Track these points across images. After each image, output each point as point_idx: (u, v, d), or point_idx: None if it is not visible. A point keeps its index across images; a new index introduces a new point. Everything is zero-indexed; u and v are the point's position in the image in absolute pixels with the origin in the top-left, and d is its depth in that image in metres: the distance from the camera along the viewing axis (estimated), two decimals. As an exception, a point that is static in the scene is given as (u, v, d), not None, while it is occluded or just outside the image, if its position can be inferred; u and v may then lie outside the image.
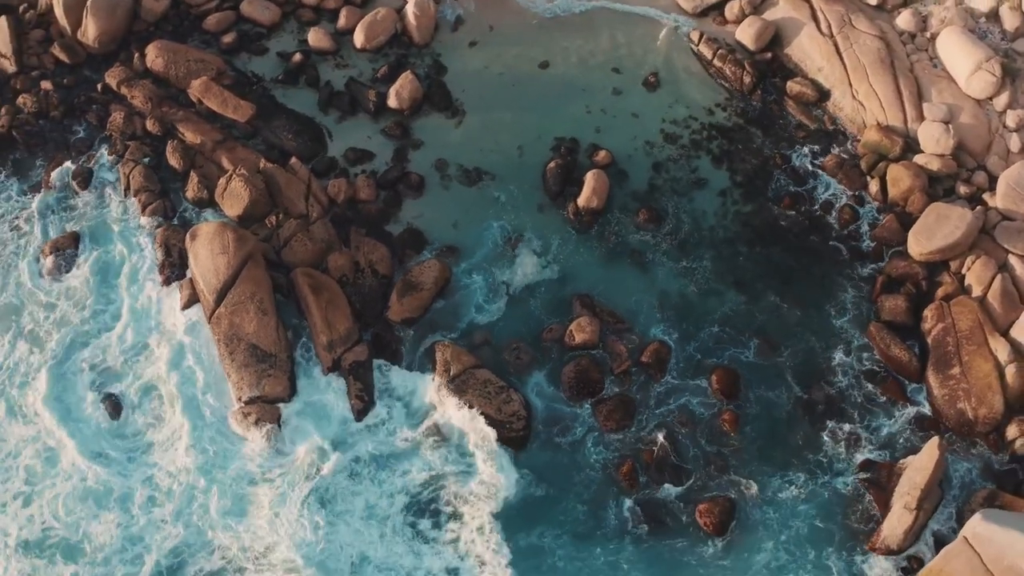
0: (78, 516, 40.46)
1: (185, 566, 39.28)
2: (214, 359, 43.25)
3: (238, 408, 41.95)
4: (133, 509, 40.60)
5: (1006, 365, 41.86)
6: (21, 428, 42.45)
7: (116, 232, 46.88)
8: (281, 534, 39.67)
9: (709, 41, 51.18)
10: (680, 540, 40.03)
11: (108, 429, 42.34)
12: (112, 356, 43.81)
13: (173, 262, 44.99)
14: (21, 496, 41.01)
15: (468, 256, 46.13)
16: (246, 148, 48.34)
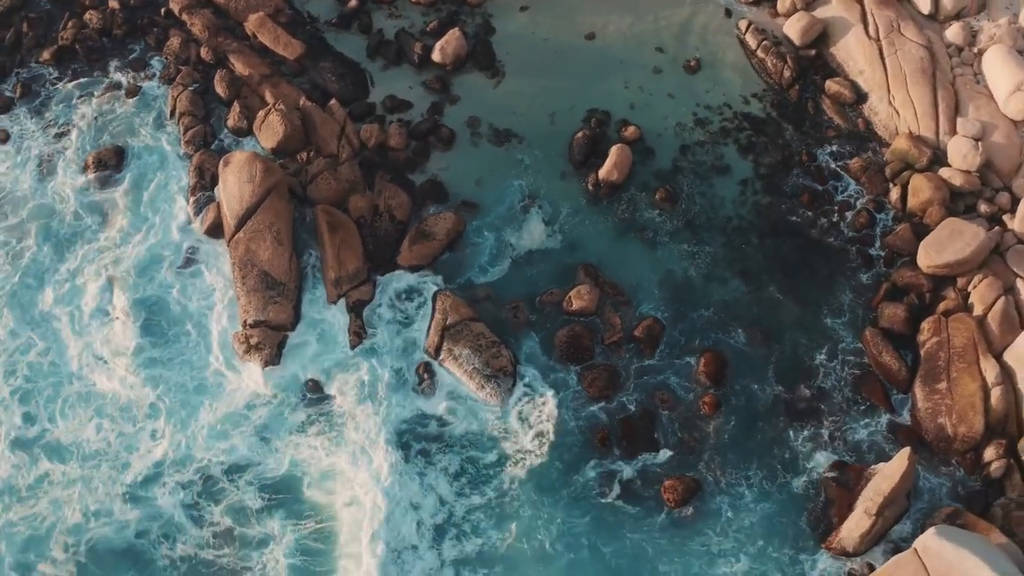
0: (73, 419, 42.25)
1: (162, 476, 40.85)
2: (228, 281, 44.98)
3: (242, 330, 43.49)
4: (129, 418, 42.21)
5: (992, 387, 41.21)
6: (34, 329, 44.23)
7: (157, 151, 48.49)
8: (261, 454, 41.21)
9: (756, 31, 50.72)
10: (638, 509, 40.28)
11: (120, 339, 43.93)
12: (133, 268, 45.37)
13: (204, 185, 46.62)
14: (20, 392, 42.92)
15: (485, 214, 46.81)
16: (290, 85, 49.58)
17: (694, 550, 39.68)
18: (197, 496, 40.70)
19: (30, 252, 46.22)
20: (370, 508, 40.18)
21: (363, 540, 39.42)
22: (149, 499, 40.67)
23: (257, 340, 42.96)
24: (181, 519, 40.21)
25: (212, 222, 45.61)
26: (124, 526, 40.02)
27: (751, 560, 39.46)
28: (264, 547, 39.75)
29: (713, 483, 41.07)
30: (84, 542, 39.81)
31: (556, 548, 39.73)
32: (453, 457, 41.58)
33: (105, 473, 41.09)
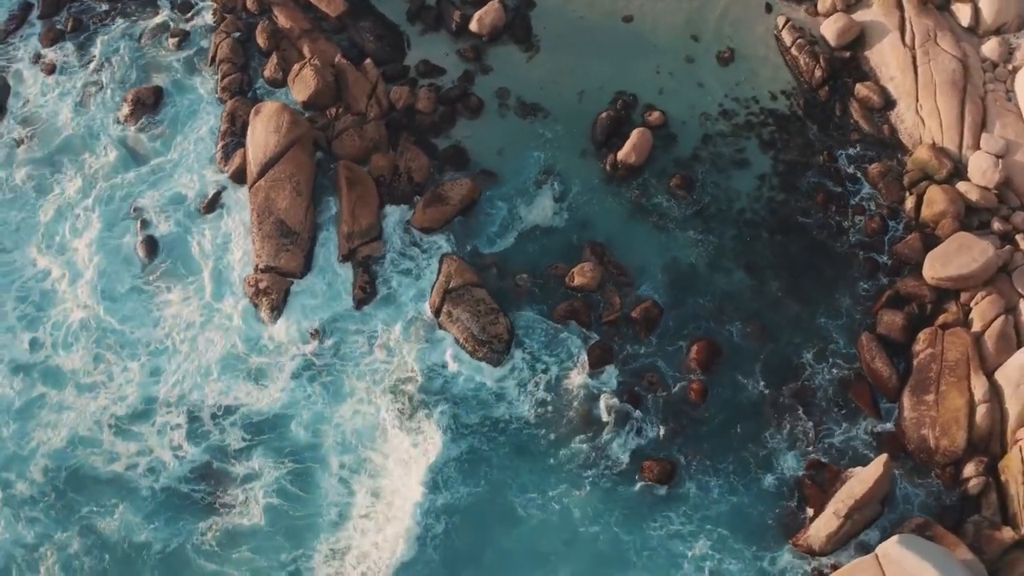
0: (76, 348, 43.79)
1: (155, 412, 42.30)
2: (246, 227, 45.95)
3: (253, 274, 44.56)
4: (131, 353, 43.67)
5: (979, 404, 40.67)
6: (52, 258, 45.79)
7: (194, 95, 49.74)
8: (256, 397, 42.51)
9: (793, 28, 49.97)
10: (611, 483, 40.87)
11: (135, 274, 45.41)
12: (157, 206, 46.74)
13: (235, 131, 47.66)
14: (29, 318, 44.53)
15: (501, 184, 47.20)
16: (328, 41, 50.23)
17: (657, 527, 40.08)
18: (186, 433, 41.87)
19: (58, 184, 47.64)
20: (353, 457, 41.42)
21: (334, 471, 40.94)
22: (139, 434, 41.99)
23: (266, 285, 44.04)
24: (168, 455, 41.51)
25: (237, 168, 46.68)
26: (111, 458, 41.41)
27: (712, 545, 39.81)
28: (247, 483, 40.88)
29: (689, 468, 41.31)
30: (65, 468, 41.27)
31: (526, 510, 40.50)
32: (442, 413, 42.20)
33: (100, 404, 42.51)
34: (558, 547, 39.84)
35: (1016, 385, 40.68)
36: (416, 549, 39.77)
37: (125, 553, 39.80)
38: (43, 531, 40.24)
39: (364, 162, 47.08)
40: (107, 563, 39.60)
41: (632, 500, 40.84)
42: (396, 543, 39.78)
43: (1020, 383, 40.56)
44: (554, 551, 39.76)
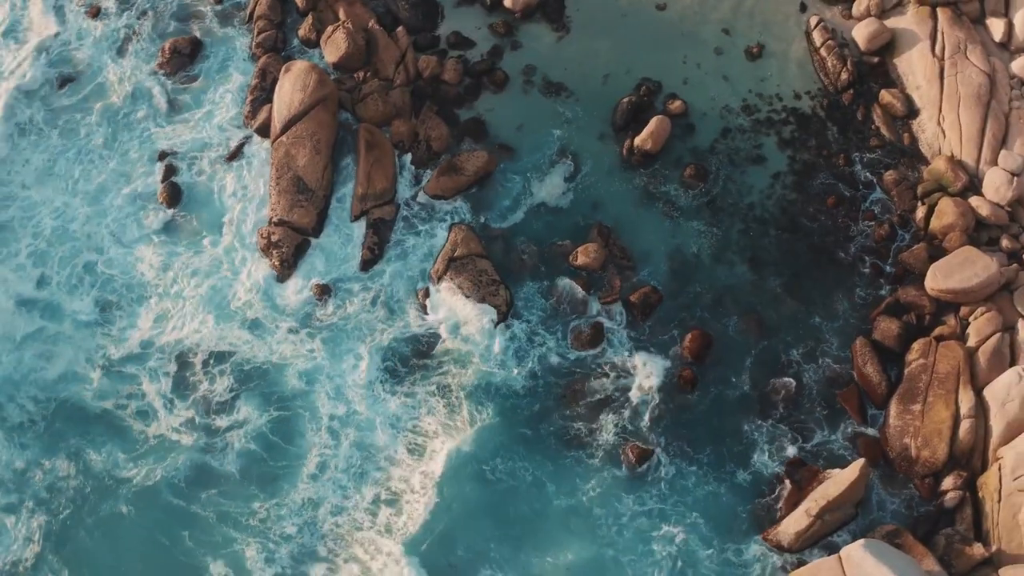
0: (81, 288, 44.77)
1: (147, 358, 43.15)
2: (265, 180, 46.53)
3: (266, 226, 45.23)
4: (136, 296, 44.64)
5: (964, 418, 40.23)
6: (71, 198, 46.71)
7: (230, 48, 50.39)
8: (252, 347, 43.31)
9: (824, 29, 49.18)
10: (589, 458, 41.21)
11: (151, 218, 46.20)
12: (182, 153, 47.50)
13: (264, 87, 48.23)
14: (39, 254, 45.46)
15: (517, 159, 47.34)
16: (364, 6, 50.46)
17: (630, 505, 40.47)
18: (178, 378, 42.83)
19: (87, 126, 48.52)
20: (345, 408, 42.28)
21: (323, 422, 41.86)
22: (132, 376, 42.94)
23: (278, 238, 44.69)
24: (157, 398, 42.44)
25: (262, 122, 47.32)
26: (102, 395, 42.50)
27: (682, 529, 39.93)
28: (232, 429, 41.81)
29: (669, 453, 41.42)
30: (55, 399, 42.44)
31: (500, 475, 40.93)
32: (433, 377, 42.79)
33: (96, 342, 43.51)
34: (526, 512, 40.37)
35: (1002, 403, 40.23)
36: (391, 506, 40.44)
37: (106, 485, 40.96)
38: (33, 456, 41.42)
39: (385, 127, 47.51)
40: (88, 491, 40.59)
41: (608, 477, 41.20)
42: (369, 497, 40.54)
43: (1006, 401, 40.15)
44: (522, 516, 40.26)
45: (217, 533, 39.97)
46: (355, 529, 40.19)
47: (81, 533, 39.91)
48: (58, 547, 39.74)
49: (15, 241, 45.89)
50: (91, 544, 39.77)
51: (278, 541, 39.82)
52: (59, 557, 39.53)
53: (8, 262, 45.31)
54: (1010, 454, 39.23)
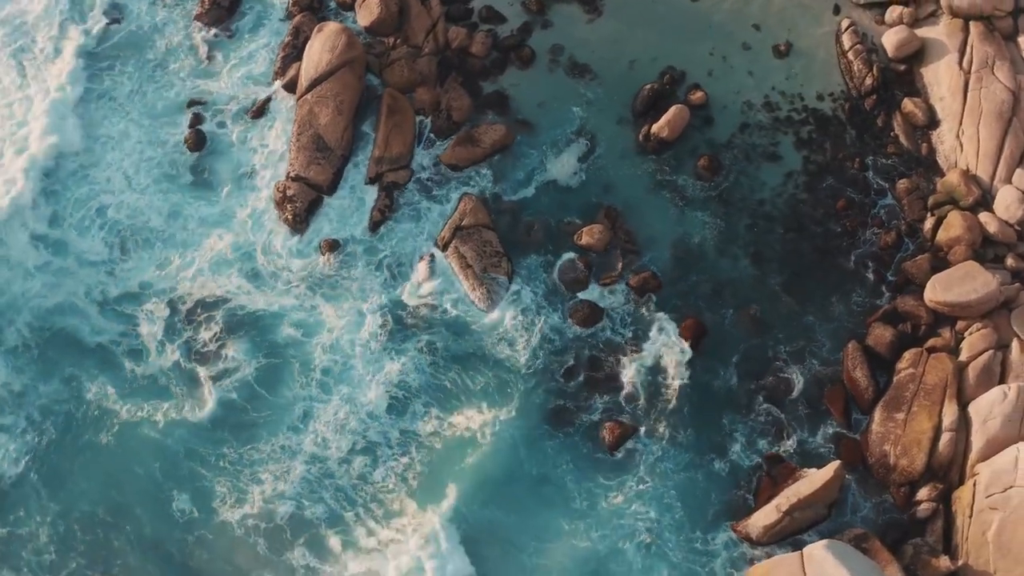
0: (91, 227, 45.49)
1: (146, 300, 43.99)
2: (288, 135, 47.14)
3: (283, 180, 45.84)
4: (143, 240, 45.31)
5: (945, 431, 39.70)
6: (94, 143, 47.41)
7: (268, 4, 50.91)
8: (253, 295, 44.04)
9: (854, 33, 48.43)
10: (572, 434, 41.48)
11: (169, 165, 47.01)
12: (210, 103, 48.17)
13: (296, 45, 48.70)
14: (54, 193, 46.23)
15: (535, 135, 47.29)
16: (403, -27, 51.14)
17: (605, 481, 40.66)
18: (173, 321, 43.65)
19: (118, 71, 49.31)
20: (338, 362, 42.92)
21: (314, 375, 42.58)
22: (128, 315, 43.82)
23: (293, 193, 45.24)
24: (151, 339, 43.28)
25: (290, 79, 47.85)
26: (97, 330, 43.42)
27: (654, 510, 39.98)
28: (224, 376, 42.66)
29: (650, 435, 41.41)
30: (51, 327, 43.46)
31: (484, 437, 41.32)
32: (429, 341, 43.17)
33: (98, 279, 44.36)
34: (499, 476, 40.71)
35: (984, 420, 39.61)
36: (367, 458, 41.09)
37: (92, 415, 41.84)
38: (29, 380, 42.51)
39: (409, 94, 47.71)
40: (75, 418, 41.71)
41: (588, 453, 41.29)
42: (345, 447, 41.20)
43: (988, 419, 39.55)
44: (494, 479, 40.64)
45: (184, 467, 40.90)
46: (326, 477, 40.76)
47: (62, 457, 41.02)
48: (39, 467, 40.83)
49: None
50: (70, 468, 40.88)
51: (248, 482, 40.65)
52: (39, 477, 40.60)
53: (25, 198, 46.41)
54: (986, 471, 38.73)
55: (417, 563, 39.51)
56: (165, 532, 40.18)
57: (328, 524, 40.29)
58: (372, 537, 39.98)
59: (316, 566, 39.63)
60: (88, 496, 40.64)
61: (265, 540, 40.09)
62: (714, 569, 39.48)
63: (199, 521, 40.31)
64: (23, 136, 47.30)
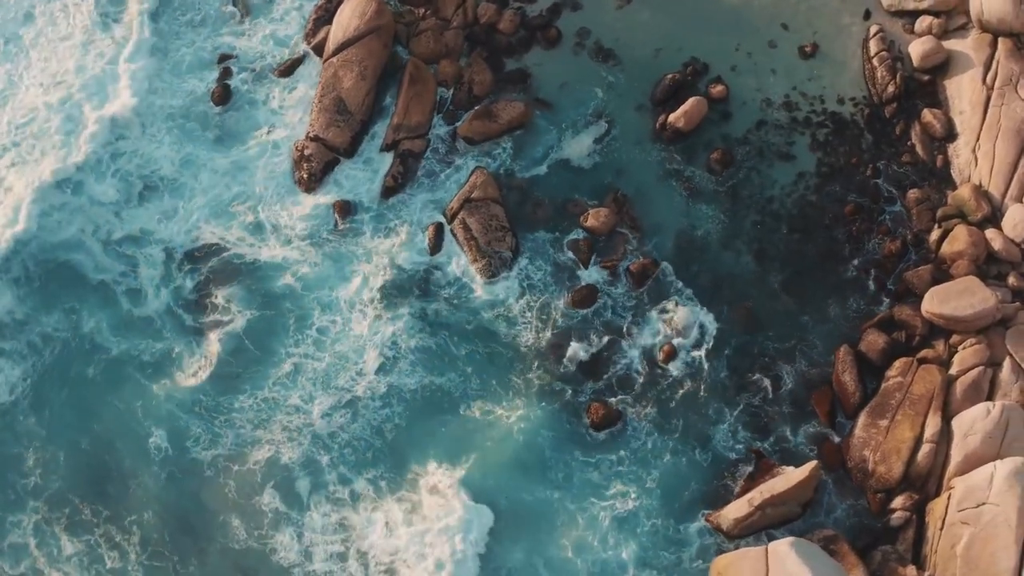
0: (111, 172, 46.33)
1: (150, 244, 44.87)
2: (312, 96, 47.65)
3: (302, 140, 46.35)
4: (152, 184, 46.23)
5: (925, 442, 39.35)
6: (121, 91, 48.26)
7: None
8: (258, 241, 44.76)
9: (881, 40, 47.65)
10: (560, 413, 41.74)
11: (201, 115, 47.76)
12: (243, 59, 48.80)
13: (329, 8, 49.27)
14: (74, 135, 46.96)
15: (554, 115, 47.37)
16: (441, -55, 51.25)
17: (584, 458, 41.06)
18: (173, 268, 44.46)
19: (155, 24, 50.04)
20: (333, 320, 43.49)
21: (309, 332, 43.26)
22: (130, 257, 44.77)
23: (310, 152, 45.82)
24: (148, 283, 44.20)
25: (319, 42, 48.33)
26: (99, 268, 44.45)
27: (630, 493, 40.20)
28: (219, 326, 43.48)
29: (634, 419, 41.56)
30: (56, 261, 44.52)
31: (468, 402, 41.92)
32: (427, 308, 43.62)
33: (106, 220, 45.28)
34: (482, 442, 41.21)
35: (965, 434, 39.12)
36: (348, 413, 41.75)
37: (85, 348, 43.23)
38: (31, 310, 43.75)
39: (432, 64, 47.92)
40: (72, 349, 42.96)
41: (570, 430, 41.58)
42: (329, 402, 41.94)
43: (969, 434, 39.03)
44: (470, 442, 41.19)
45: (163, 409, 41.94)
46: (306, 426, 41.52)
47: (54, 386, 42.46)
48: (33, 393, 42.33)
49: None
50: (59, 396, 42.24)
51: (223, 427, 41.62)
52: (31, 403, 42.08)
53: (49, 138, 47.14)
54: (961, 486, 38.26)
55: (386, 515, 40.23)
56: (142, 467, 41.37)
57: (302, 471, 41.11)
58: (345, 486, 40.73)
59: (284, 511, 40.40)
60: (73, 426, 41.91)
61: (235, 482, 41.02)
62: (682, 557, 39.62)
63: (172, 459, 41.41)
64: (102, 91, 48.31)
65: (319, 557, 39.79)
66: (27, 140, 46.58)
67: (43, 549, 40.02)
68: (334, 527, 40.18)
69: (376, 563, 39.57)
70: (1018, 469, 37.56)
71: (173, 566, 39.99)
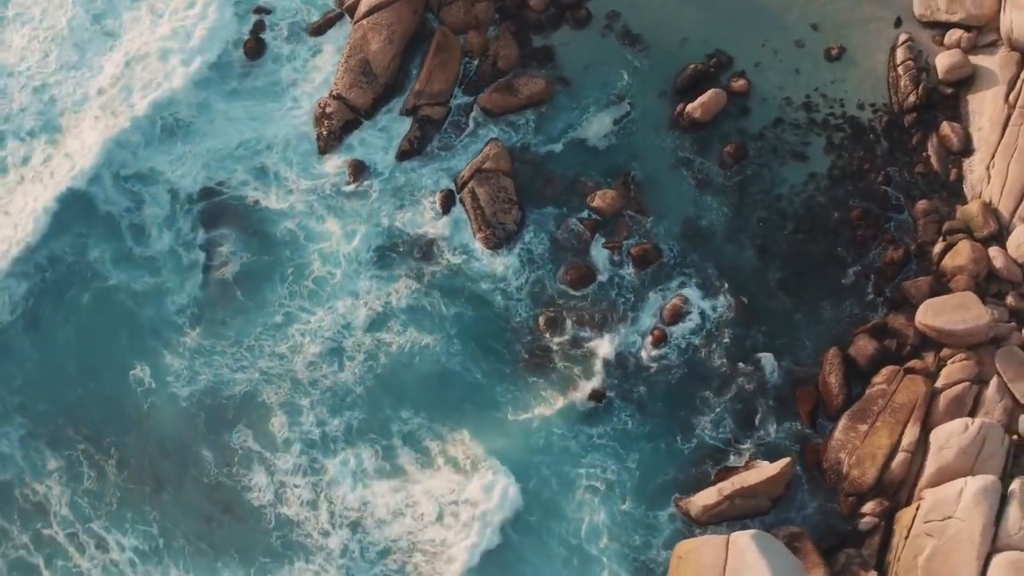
0: (132, 109, 47.08)
1: (160, 183, 45.65)
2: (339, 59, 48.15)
3: (325, 97, 46.69)
4: (186, 130, 47.01)
5: (901, 451, 39.09)
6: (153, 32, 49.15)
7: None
8: (259, 192, 45.41)
9: (909, 49, 46.64)
10: (545, 388, 42.00)
11: (231, 64, 48.23)
12: (277, 13, 49.11)
13: (367, -27, 49.76)
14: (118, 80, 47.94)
15: (574, 94, 47.12)
16: (482, -83, 51.06)
17: (565, 429, 41.29)
18: (180, 208, 45.23)
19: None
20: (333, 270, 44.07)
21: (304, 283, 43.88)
22: (136, 193, 45.51)
23: (331, 111, 46.19)
24: (152, 221, 44.99)
25: (352, 3, 48.41)
26: (108, 200, 45.30)
27: (607, 469, 40.54)
28: (216, 269, 44.26)
29: (619, 401, 41.65)
30: (72, 188, 45.35)
31: (457, 364, 42.36)
32: (425, 269, 44.00)
33: (120, 157, 45.97)
34: (462, 401, 41.77)
35: (940, 448, 38.71)
36: (334, 359, 42.49)
37: (86, 275, 44.25)
38: (43, 232, 44.73)
39: (462, 35, 47.86)
40: (75, 273, 44.06)
41: (554, 402, 41.84)
42: (314, 350, 42.71)
43: (944, 447, 38.61)
44: (452, 397, 41.78)
45: (149, 343, 42.92)
46: (288, 371, 42.30)
47: (49, 308, 43.64)
48: (29, 314, 43.50)
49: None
50: (53, 319, 43.58)
51: (203, 367, 42.55)
52: (26, 323, 43.29)
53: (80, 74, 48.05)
54: (930, 497, 37.88)
55: (357, 459, 40.96)
56: (123, 395, 42.48)
57: (279, 410, 41.83)
58: (319, 427, 41.52)
59: (256, 449, 41.25)
60: (63, 348, 43.15)
61: (207, 416, 41.97)
62: (651, 541, 39.75)
63: (153, 391, 42.33)
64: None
65: (291, 500, 40.47)
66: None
67: (28, 461, 41.36)
68: (306, 470, 40.87)
69: (345, 508, 40.28)
70: (987, 487, 37.31)
71: (149, 491, 40.98)
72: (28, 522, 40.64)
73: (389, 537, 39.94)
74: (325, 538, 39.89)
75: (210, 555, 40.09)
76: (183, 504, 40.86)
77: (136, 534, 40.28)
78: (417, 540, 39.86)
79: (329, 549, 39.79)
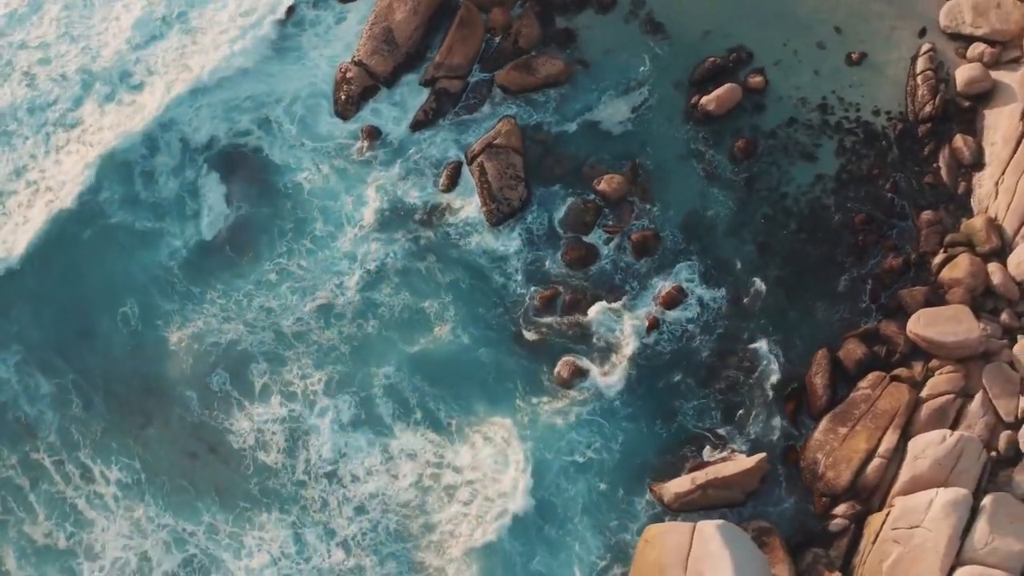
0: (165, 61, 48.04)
1: (172, 131, 46.30)
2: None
3: (347, 62, 46.89)
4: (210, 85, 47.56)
5: (877, 457, 38.64)
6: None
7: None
8: (265, 141, 45.97)
9: (930, 59, 45.81)
10: (534, 362, 42.01)
11: (265, 28, 48.42)
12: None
13: (398, -52, 49.87)
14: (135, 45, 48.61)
15: (591, 77, 46.81)
16: None
17: (550, 400, 41.32)
18: (190, 157, 45.82)
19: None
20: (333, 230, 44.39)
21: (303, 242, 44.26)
22: (152, 139, 46.05)
23: (352, 76, 46.37)
24: (161, 167, 45.56)
25: (381, -26, 48.87)
26: (128, 149, 45.94)
27: (590, 449, 40.44)
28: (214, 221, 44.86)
29: (607, 381, 41.50)
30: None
31: (443, 327, 42.54)
32: (422, 236, 44.13)
33: (136, 108, 46.65)
34: (444, 363, 41.94)
35: (916, 457, 38.25)
36: (322, 316, 42.89)
37: (92, 213, 44.84)
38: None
39: (486, 12, 47.71)
40: (82, 210, 44.73)
41: (539, 377, 41.74)
42: (304, 306, 43.03)
43: (919, 457, 38.13)
44: (439, 363, 41.90)
45: (139, 284, 43.60)
46: (272, 324, 42.72)
47: (50, 242, 44.24)
48: (29, 246, 44.23)
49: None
50: (56, 255, 44.09)
51: (194, 314, 43.19)
52: (26, 254, 43.99)
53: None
54: (900, 505, 37.53)
55: (335, 414, 41.32)
56: (112, 331, 43.11)
57: (261, 360, 42.28)
58: (302, 380, 41.91)
59: (236, 397, 41.82)
60: (61, 280, 43.90)
61: (192, 359, 42.45)
62: (626, 523, 39.64)
63: (140, 331, 43.01)
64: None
65: (272, 446, 40.96)
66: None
67: (22, 384, 42.22)
68: (284, 418, 41.34)
69: (321, 459, 40.75)
70: (958, 500, 36.81)
71: (135, 425, 41.68)
72: (18, 444, 41.52)
73: (364, 494, 40.21)
74: (301, 488, 40.35)
75: (191, 493, 40.70)
76: (167, 441, 41.47)
77: (120, 466, 40.96)
78: (392, 500, 40.06)
79: (306, 499, 40.25)
